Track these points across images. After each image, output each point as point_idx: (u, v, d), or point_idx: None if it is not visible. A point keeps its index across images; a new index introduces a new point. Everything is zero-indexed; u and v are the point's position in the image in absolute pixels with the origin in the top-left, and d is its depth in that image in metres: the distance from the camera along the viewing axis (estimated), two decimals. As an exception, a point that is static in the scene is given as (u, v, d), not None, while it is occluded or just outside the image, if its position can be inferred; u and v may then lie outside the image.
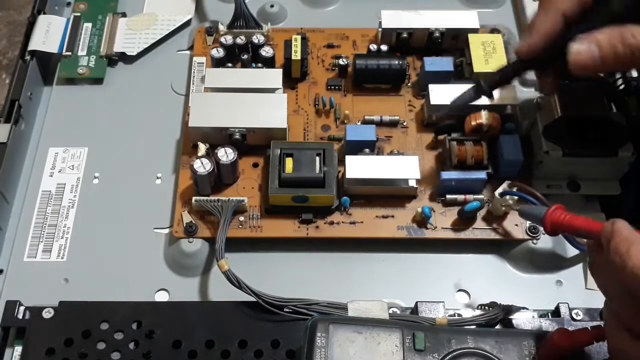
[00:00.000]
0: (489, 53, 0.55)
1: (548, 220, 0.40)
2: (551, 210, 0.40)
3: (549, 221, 0.40)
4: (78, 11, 0.62)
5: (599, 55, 0.39)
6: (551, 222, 0.40)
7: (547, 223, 0.40)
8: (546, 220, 0.40)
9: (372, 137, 0.51)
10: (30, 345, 0.44)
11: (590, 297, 0.48)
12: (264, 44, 0.57)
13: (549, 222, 0.40)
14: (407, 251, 0.50)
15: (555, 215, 0.40)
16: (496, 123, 0.50)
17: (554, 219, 0.40)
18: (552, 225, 0.40)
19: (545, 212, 0.40)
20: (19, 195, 0.53)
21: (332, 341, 0.38)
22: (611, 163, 0.49)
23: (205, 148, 0.50)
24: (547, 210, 0.40)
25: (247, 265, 0.47)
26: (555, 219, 0.40)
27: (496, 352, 0.38)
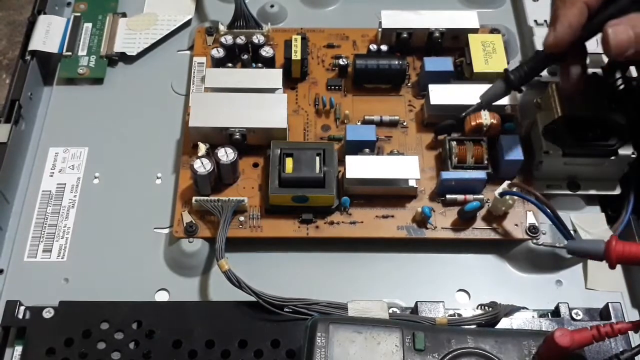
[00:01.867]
0: (489, 53, 0.55)
1: (613, 255, 0.39)
2: (613, 244, 0.39)
3: (614, 255, 0.39)
4: (78, 11, 0.62)
5: (635, 35, 0.40)
6: (617, 256, 0.39)
7: (612, 258, 0.39)
8: (611, 255, 0.39)
9: (372, 137, 0.51)
10: (30, 345, 0.44)
11: (590, 297, 0.48)
12: (264, 44, 0.57)
13: (614, 256, 0.39)
14: (407, 251, 0.50)
15: (619, 248, 0.39)
16: (496, 123, 0.51)
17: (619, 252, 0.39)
18: (619, 259, 0.39)
19: (605, 247, 0.39)
20: (19, 195, 0.53)
21: (332, 341, 0.38)
22: (611, 163, 0.50)
23: (205, 148, 0.50)
24: (608, 245, 0.39)
25: (247, 265, 0.47)
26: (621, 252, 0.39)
27: (496, 352, 0.38)
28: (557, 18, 0.43)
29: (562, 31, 0.43)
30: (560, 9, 0.43)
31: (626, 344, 0.42)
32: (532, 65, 0.47)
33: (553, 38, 0.44)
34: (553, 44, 0.44)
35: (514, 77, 0.47)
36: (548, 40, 0.44)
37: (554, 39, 0.44)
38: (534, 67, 0.47)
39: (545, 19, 0.59)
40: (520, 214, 0.50)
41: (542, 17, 0.60)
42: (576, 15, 0.43)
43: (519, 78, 0.47)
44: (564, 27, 0.43)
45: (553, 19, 0.44)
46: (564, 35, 0.43)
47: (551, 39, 0.44)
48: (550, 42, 0.44)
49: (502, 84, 0.48)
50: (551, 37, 0.44)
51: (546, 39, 0.45)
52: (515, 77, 0.47)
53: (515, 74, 0.47)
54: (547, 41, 0.45)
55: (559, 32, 0.43)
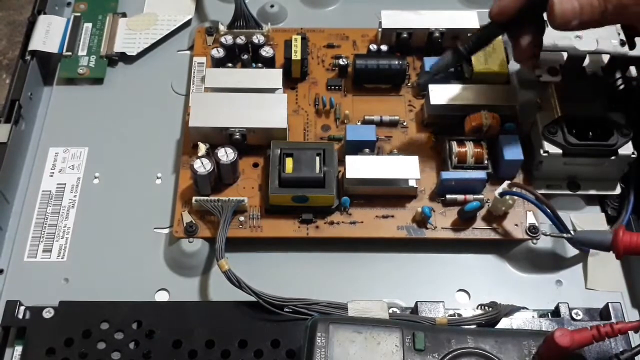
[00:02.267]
0: (489, 53, 0.54)
1: (620, 244, 0.39)
2: (620, 234, 0.39)
3: (621, 246, 0.39)
4: (78, 11, 0.62)
5: (580, 5, 0.41)
6: (624, 246, 0.39)
7: (619, 248, 0.39)
8: (618, 245, 0.39)
9: (372, 137, 0.51)
10: (30, 345, 0.44)
11: (590, 297, 0.48)
12: (264, 44, 0.57)
13: (621, 247, 0.39)
14: (407, 251, 0.50)
15: (626, 238, 0.39)
16: (496, 123, 0.51)
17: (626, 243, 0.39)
18: (626, 250, 0.39)
19: (612, 237, 0.39)
20: (19, 195, 0.53)
21: (332, 341, 0.38)
22: (611, 163, 0.50)
23: (205, 148, 0.50)
24: (615, 234, 0.39)
25: (247, 265, 0.47)
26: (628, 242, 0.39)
27: (496, 352, 0.38)
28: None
29: (505, 1, 0.43)
30: None
31: (626, 344, 0.42)
32: (481, 35, 0.47)
33: (497, 7, 0.44)
34: (497, 12, 0.44)
35: (462, 47, 0.47)
36: (493, 9, 0.44)
37: (498, 8, 0.44)
38: (482, 36, 0.47)
39: (545, 19, 0.59)
40: (520, 214, 0.50)
41: (542, 17, 0.60)
42: None
43: (468, 48, 0.47)
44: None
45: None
46: (508, 3, 0.43)
47: (495, 7, 0.44)
48: (495, 10, 0.44)
49: (450, 54, 0.48)
50: (496, 6, 0.44)
51: (491, 8, 0.45)
52: (464, 48, 0.47)
53: (464, 45, 0.47)
54: (492, 10, 0.44)
55: (503, 1, 0.43)
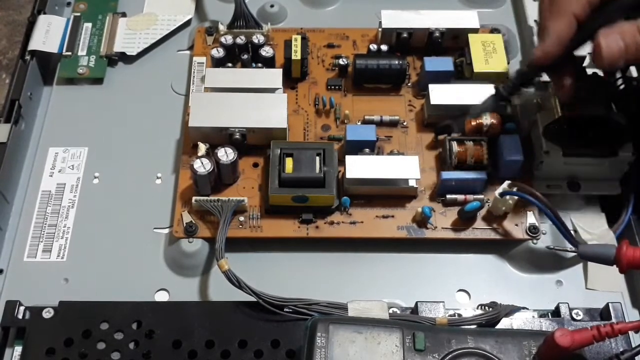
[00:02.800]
0: (489, 53, 0.55)
1: (624, 259, 0.39)
2: (624, 249, 0.39)
3: (625, 261, 0.39)
4: (78, 11, 0.62)
5: (625, 45, 0.40)
6: (627, 261, 0.39)
7: (623, 263, 0.39)
8: (622, 260, 0.39)
9: (372, 137, 0.51)
10: (30, 345, 0.44)
11: (590, 297, 0.48)
12: (264, 44, 0.57)
13: (625, 262, 0.39)
14: (407, 251, 0.50)
15: (630, 253, 0.39)
16: (496, 123, 0.51)
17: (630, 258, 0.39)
18: (629, 265, 0.39)
19: (616, 252, 0.39)
20: (19, 195, 0.53)
21: (332, 341, 0.38)
22: (611, 163, 0.49)
23: (205, 148, 0.50)
24: (619, 250, 0.39)
25: (247, 265, 0.47)
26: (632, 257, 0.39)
27: (496, 352, 0.38)
28: (546, 31, 0.43)
29: (550, 44, 0.43)
30: (549, 20, 0.43)
31: (626, 344, 0.42)
32: (520, 76, 0.47)
33: (542, 51, 0.44)
34: (542, 57, 0.44)
35: (503, 89, 0.48)
36: (537, 53, 0.44)
37: (543, 53, 0.44)
38: (522, 78, 0.47)
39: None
40: (520, 214, 0.50)
41: (542, 17, 0.60)
42: (565, 27, 0.42)
43: (507, 89, 0.47)
44: (553, 41, 0.43)
45: (541, 31, 0.44)
46: (552, 48, 0.43)
47: (540, 52, 0.44)
48: (539, 55, 0.44)
49: (491, 97, 0.48)
50: (540, 50, 0.44)
51: (535, 51, 0.44)
52: (505, 90, 0.47)
53: (504, 87, 0.47)
54: (535, 54, 0.44)
55: (548, 45, 0.43)
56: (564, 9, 0.42)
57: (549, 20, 0.43)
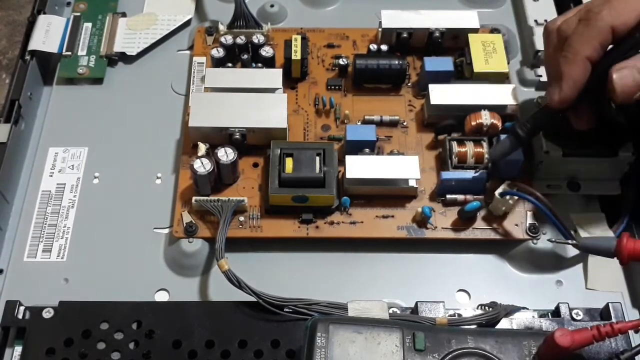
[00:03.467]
0: (489, 53, 0.55)
1: (624, 251, 0.39)
2: (624, 241, 0.39)
3: (625, 253, 0.39)
4: (78, 11, 0.62)
5: None
6: (628, 253, 0.39)
7: (624, 255, 0.39)
8: (623, 252, 0.39)
9: (372, 137, 0.51)
10: (30, 345, 0.44)
11: (590, 297, 0.48)
12: (264, 43, 0.57)
13: (625, 254, 0.39)
14: (407, 251, 0.50)
15: (630, 245, 0.39)
16: (496, 123, 0.51)
17: (631, 250, 0.39)
18: (630, 256, 0.39)
19: (617, 244, 0.40)
20: (19, 195, 0.53)
21: (332, 341, 0.38)
22: (611, 163, 0.50)
23: (205, 148, 0.50)
24: (619, 242, 0.39)
25: (247, 265, 0.47)
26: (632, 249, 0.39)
27: (496, 352, 0.38)
28: (562, 77, 0.43)
29: (567, 90, 0.43)
30: (564, 66, 0.43)
31: (626, 344, 0.42)
32: (539, 121, 0.47)
33: (559, 98, 0.43)
34: (560, 102, 0.44)
35: (522, 132, 0.47)
36: (554, 99, 0.44)
37: (560, 99, 0.43)
38: (540, 122, 0.47)
39: (546, 19, 0.59)
40: (520, 214, 0.50)
41: (542, 17, 0.59)
42: (580, 72, 0.42)
43: (527, 133, 0.47)
44: (569, 86, 0.43)
45: (556, 77, 0.43)
46: (570, 93, 0.43)
47: (557, 98, 0.44)
48: (557, 101, 0.44)
49: (509, 141, 0.48)
50: (557, 96, 0.44)
51: (552, 97, 0.44)
52: (524, 132, 0.47)
53: (523, 129, 0.47)
54: (553, 100, 0.44)
55: (565, 91, 0.43)
56: (577, 54, 0.42)
57: (563, 65, 0.43)
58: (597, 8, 0.42)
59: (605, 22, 0.41)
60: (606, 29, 0.41)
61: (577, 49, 0.42)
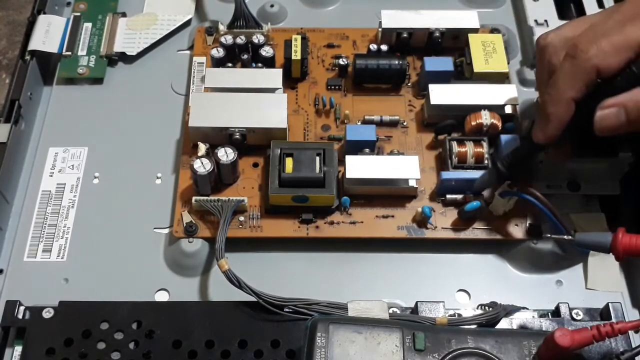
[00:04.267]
0: (489, 53, 0.55)
1: (620, 246, 0.39)
2: (619, 236, 0.39)
3: (620, 248, 0.39)
4: (78, 11, 0.62)
5: (626, 117, 0.40)
6: (623, 248, 0.39)
7: (619, 250, 0.39)
8: (618, 247, 0.39)
9: (372, 137, 0.51)
10: (30, 345, 0.44)
11: (590, 297, 0.48)
12: (264, 43, 0.57)
13: (620, 249, 0.39)
14: (407, 251, 0.50)
15: (625, 240, 0.39)
16: (496, 123, 0.51)
17: (626, 245, 0.39)
18: (625, 252, 0.39)
19: (612, 239, 0.40)
20: (19, 195, 0.53)
21: (332, 341, 0.38)
22: (611, 163, 0.50)
23: (205, 148, 0.50)
24: (615, 237, 0.39)
25: (247, 265, 0.47)
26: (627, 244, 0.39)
27: (496, 352, 0.38)
28: (548, 117, 0.43)
29: (552, 130, 0.43)
30: (549, 106, 0.43)
31: (626, 344, 0.42)
32: (520, 154, 0.48)
33: (544, 136, 0.44)
34: (545, 140, 0.45)
35: (501, 166, 0.47)
36: (539, 137, 0.45)
37: (545, 137, 0.44)
38: (522, 155, 0.48)
39: (546, 19, 0.59)
40: (520, 214, 0.50)
41: (542, 17, 0.60)
42: (565, 112, 0.42)
43: (508, 167, 0.47)
44: (554, 125, 0.43)
45: (542, 117, 0.44)
46: (554, 133, 0.44)
47: (542, 136, 0.44)
48: (542, 139, 0.45)
49: (490, 174, 0.48)
50: (541, 135, 0.44)
51: (537, 134, 0.45)
52: (504, 166, 0.47)
53: (503, 163, 0.47)
54: (538, 138, 0.45)
55: (550, 130, 0.44)
56: (562, 94, 0.42)
57: (548, 105, 0.43)
58: (584, 46, 0.41)
59: (591, 63, 0.41)
60: (592, 70, 0.41)
61: (562, 90, 0.42)
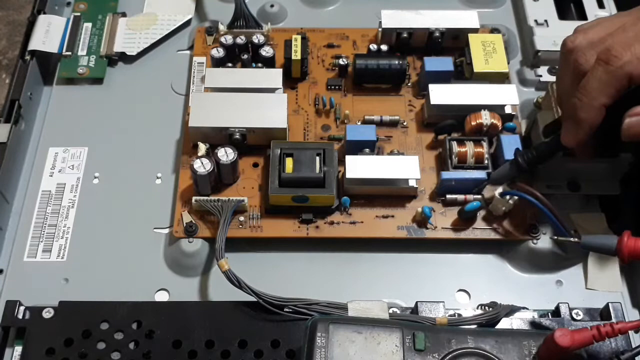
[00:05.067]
0: (489, 53, 0.55)
1: (625, 249, 0.39)
2: (625, 239, 0.39)
3: (626, 251, 0.39)
4: (78, 11, 0.62)
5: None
6: (629, 251, 0.39)
7: (624, 253, 0.39)
8: (623, 250, 0.39)
9: (372, 137, 0.51)
10: (30, 345, 0.44)
11: (590, 297, 0.48)
12: (264, 43, 0.57)
13: (626, 251, 0.39)
14: (407, 251, 0.50)
15: (631, 243, 0.39)
16: (496, 123, 0.51)
17: (632, 248, 0.39)
18: (631, 255, 0.39)
19: (617, 242, 0.40)
20: (19, 195, 0.53)
21: (332, 341, 0.38)
22: (611, 163, 0.49)
23: (205, 148, 0.50)
24: (620, 240, 0.39)
25: (247, 265, 0.47)
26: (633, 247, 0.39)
27: (496, 352, 0.38)
28: (579, 123, 0.43)
29: (583, 134, 0.43)
30: (580, 111, 0.42)
31: (626, 344, 0.42)
32: (543, 152, 0.47)
33: (575, 141, 0.44)
34: (575, 145, 0.44)
35: (522, 160, 0.47)
36: (570, 141, 0.44)
37: (576, 142, 0.44)
38: (544, 154, 0.47)
39: (546, 19, 0.59)
40: (520, 214, 0.50)
41: (542, 17, 0.60)
42: (596, 118, 0.42)
43: (528, 162, 0.47)
44: (585, 131, 0.43)
45: (573, 122, 0.43)
46: (585, 137, 0.43)
47: (573, 141, 0.44)
48: (572, 144, 0.44)
49: (511, 167, 0.48)
50: (572, 139, 0.44)
51: (567, 139, 0.44)
52: (524, 161, 0.47)
53: (524, 158, 0.47)
54: (569, 142, 0.44)
55: (581, 135, 0.43)
56: (594, 100, 0.42)
57: (580, 111, 0.42)
58: (617, 52, 0.40)
59: (625, 70, 0.40)
60: (625, 77, 0.40)
61: (594, 97, 0.42)
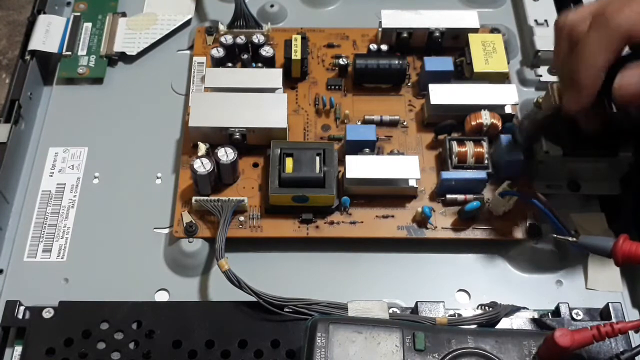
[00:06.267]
0: (489, 53, 0.55)
1: (619, 252, 0.39)
2: (620, 242, 0.39)
3: (620, 254, 0.39)
4: (78, 11, 0.62)
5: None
6: (622, 255, 0.39)
7: (618, 256, 0.39)
8: (617, 253, 0.39)
9: (372, 137, 0.51)
10: (30, 345, 0.44)
11: (590, 297, 0.48)
12: (264, 43, 0.57)
13: (620, 255, 0.39)
14: (407, 251, 0.50)
15: (626, 247, 0.39)
16: (496, 123, 0.51)
17: (625, 251, 0.39)
18: (624, 258, 0.39)
19: (613, 245, 0.39)
20: (19, 195, 0.53)
21: (332, 341, 0.38)
22: (611, 163, 0.49)
23: (205, 148, 0.50)
24: (616, 243, 0.39)
25: (247, 265, 0.47)
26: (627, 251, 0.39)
27: (496, 352, 0.38)
28: (579, 87, 0.42)
29: (585, 99, 0.42)
30: (580, 77, 0.42)
31: (626, 344, 0.42)
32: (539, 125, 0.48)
33: (577, 106, 0.43)
34: (578, 110, 0.44)
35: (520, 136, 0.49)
36: (572, 107, 0.43)
37: (579, 107, 0.43)
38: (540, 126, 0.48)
39: (546, 19, 0.59)
40: (520, 214, 0.50)
41: (542, 17, 0.60)
42: (597, 81, 0.41)
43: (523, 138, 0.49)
44: (587, 95, 0.42)
45: (572, 87, 0.43)
46: (588, 102, 0.42)
47: (575, 106, 0.43)
48: (575, 109, 0.44)
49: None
50: (574, 105, 0.43)
51: (569, 104, 0.44)
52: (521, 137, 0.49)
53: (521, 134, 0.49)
54: (571, 108, 0.44)
55: (584, 100, 0.42)
56: (592, 64, 0.41)
57: (579, 76, 0.42)
58: (614, 9, 0.39)
59: (623, 28, 0.39)
60: (623, 35, 0.39)
61: (592, 60, 0.41)
